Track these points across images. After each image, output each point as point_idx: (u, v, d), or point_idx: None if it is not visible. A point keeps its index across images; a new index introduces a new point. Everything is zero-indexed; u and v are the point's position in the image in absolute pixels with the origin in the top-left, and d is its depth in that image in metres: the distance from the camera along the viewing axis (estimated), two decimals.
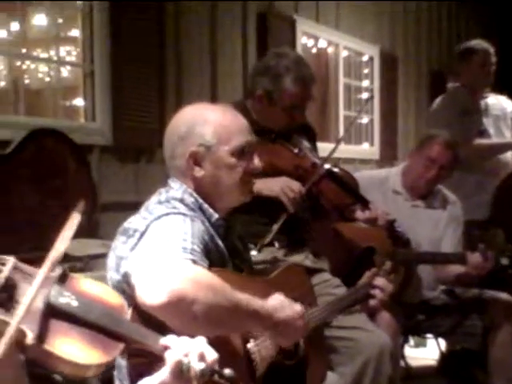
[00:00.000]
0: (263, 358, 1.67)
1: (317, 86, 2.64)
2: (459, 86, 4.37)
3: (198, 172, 1.74)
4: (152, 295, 1.39)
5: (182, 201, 1.71)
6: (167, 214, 1.62)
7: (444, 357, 3.99)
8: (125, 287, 1.57)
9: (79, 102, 3.96)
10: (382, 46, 6.69)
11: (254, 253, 2.25)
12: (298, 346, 1.81)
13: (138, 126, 3.91)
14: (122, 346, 1.07)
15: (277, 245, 2.49)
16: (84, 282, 1.14)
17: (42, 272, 1.00)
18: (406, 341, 3.79)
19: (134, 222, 1.67)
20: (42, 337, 0.99)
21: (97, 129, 3.80)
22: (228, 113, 1.81)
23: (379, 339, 2.32)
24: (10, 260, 1.05)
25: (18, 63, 3.91)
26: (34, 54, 4.22)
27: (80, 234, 3.31)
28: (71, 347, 1.01)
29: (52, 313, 1.03)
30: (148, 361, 1.17)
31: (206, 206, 1.75)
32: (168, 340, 1.11)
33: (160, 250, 1.49)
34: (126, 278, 1.57)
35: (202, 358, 1.09)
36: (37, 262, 1.11)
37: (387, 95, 6.71)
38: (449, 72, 6.65)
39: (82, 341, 1.03)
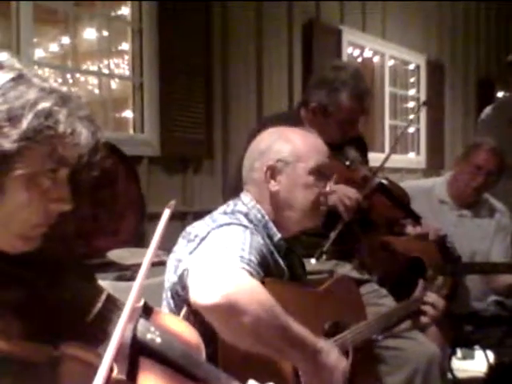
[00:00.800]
0: None
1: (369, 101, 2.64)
2: (509, 96, 4.31)
3: (274, 186, 1.79)
4: (205, 295, 1.40)
5: (246, 215, 1.75)
6: (229, 224, 1.66)
7: (492, 369, 3.91)
8: (179, 289, 1.62)
9: (128, 114, 4.04)
10: (429, 54, 6.63)
11: (312, 261, 2.25)
12: None
13: (185, 137, 3.97)
14: None
15: (324, 256, 2.49)
16: (165, 317, 1.13)
17: (129, 305, 0.98)
18: (453, 353, 3.73)
19: (196, 227, 1.72)
20: (126, 372, 0.98)
21: (145, 140, 3.88)
22: (309, 135, 1.86)
23: (428, 349, 2.29)
24: (104, 292, 1.05)
25: (69, 76, 4.01)
26: (84, 67, 4.32)
27: (128, 243, 3.39)
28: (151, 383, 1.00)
29: (137, 348, 1.02)
30: None
31: (271, 224, 1.78)
32: None
33: (218, 255, 1.51)
34: (181, 279, 1.61)
35: None
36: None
37: (434, 104, 6.64)
38: (497, 81, 6.56)
39: (163, 378, 1.02)
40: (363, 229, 2.64)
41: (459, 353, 4.17)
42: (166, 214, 1.06)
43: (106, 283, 1.92)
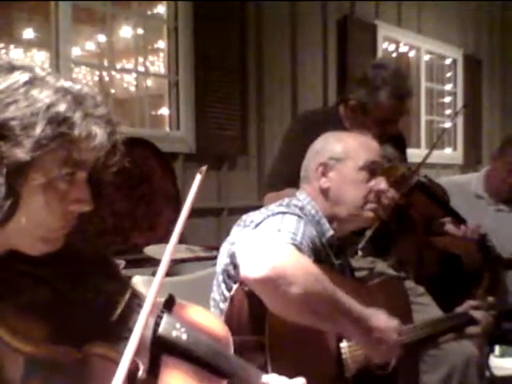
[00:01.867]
0: (354, 361, 1.66)
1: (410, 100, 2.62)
2: None
3: (325, 183, 1.84)
4: (254, 268, 1.43)
5: (301, 209, 1.79)
6: (284, 213, 1.69)
7: None
8: (231, 270, 1.66)
9: (164, 111, 4.08)
10: (466, 48, 6.54)
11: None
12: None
13: (220, 133, 4.00)
14: (225, 382, 1.05)
15: (360, 253, 2.48)
16: (192, 311, 1.12)
17: (149, 299, 0.96)
18: (491, 350, 3.69)
19: (252, 215, 1.76)
20: (152, 369, 0.97)
21: (181, 137, 3.91)
22: (361, 136, 1.91)
23: (465, 348, 2.27)
24: (128, 290, 1.04)
25: (105, 74, 4.06)
26: (120, 65, 4.37)
27: (164, 239, 3.42)
28: (179, 381, 1.00)
29: (163, 345, 1.01)
30: None
31: (324, 220, 1.82)
32: (271, 378, 1.10)
33: (269, 235, 1.56)
34: (232, 258, 1.65)
35: None
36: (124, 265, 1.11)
37: (471, 99, 6.55)
38: None
39: (190, 375, 1.02)
40: (401, 227, 2.62)
41: (497, 350, 4.12)
42: (198, 179, 1.04)
43: (143, 278, 1.95)
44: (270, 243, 1.50)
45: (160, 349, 1.00)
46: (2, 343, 0.93)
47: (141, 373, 0.95)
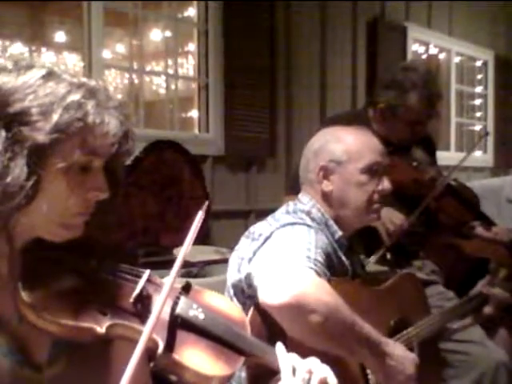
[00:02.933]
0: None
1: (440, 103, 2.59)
2: None
3: (327, 186, 1.80)
4: (274, 295, 1.43)
5: (308, 214, 1.77)
6: (293, 224, 1.68)
7: None
8: (245, 287, 1.65)
9: (194, 113, 4.10)
10: (497, 50, 6.47)
11: (372, 260, 2.25)
12: None
13: (249, 136, 4.01)
14: (243, 359, 1.08)
15: (388, 256, 2.47)
16: (209, 296, 1.15)
17: (168, 282, 1.02)
18: None
19: (259, 226, 1.74)
20: (171, 346, 1.01)
21: (210, 139, 3.93)
22: (361, 133, 1.85)
23: (495, 355, 2.25)
24: (146, 272, 1.09)
25: (134, 76, 4.10)
26: (150, 67, 4.41)
27: (194, 240, 3.44)
28: (198, 358, 1.03)
29: (181, 324, 1.05)
30: (266, 372, 1.18)
31: (331, 222, 1.79)
32: (288, 358, 1.12)
33: (285, 255, 1.53)
34: (247, 279, 1.64)
35: (324, 382, 1.10)
36: (152, 266, 1.14)
37: (502, 101, 6.48)
38: None
39: (208, 352, 1.05)
40: (431, 230, 2.60)
41: None
42: (199, 215, 1.07)
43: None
44: (288, 266, 1.48)
45: (178, 327, 1.05)
46: (28, 324, 0.98)
47: (160, 349, 1.00)
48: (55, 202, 1.02)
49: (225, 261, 3.01)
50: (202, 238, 3.47)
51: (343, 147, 1.80)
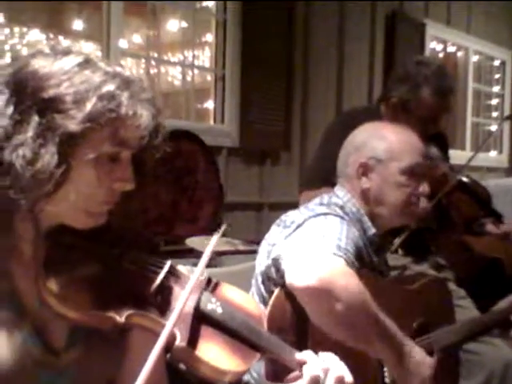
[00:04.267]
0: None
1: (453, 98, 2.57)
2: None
3: (365, 183, 1.78)
4: (301, 277, 1.43)
5: (342, 208, 1.75)
6: (326, 214, 1.67)
7: None
8: (272, 272, 1.64)
9: (209, 104, 4.11)
10: None
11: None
12: None
13: (264, 129, 4.01)
14: (258, 355, 1.07)
15: (400, 252, 2.47)
16: (227, 290, 1.15)
17: (194, 277, 1.03)
18: None
19: (291, 215, 1.73)
20: (189, 339, 1.01)
21: (225, 131, 3.94)
22: (404, 133, 1.83)
23: (505, 354, 2.24)
24: (167, 263, 1.09)
25: (152, 66, 4.10)
26: (166, 58, 4.42)
27: (206, 231, 3.46)
28: (214, 352, 1.03)
29: (199, 318, 1.05)
30: (282, 368, 1.16)
31: (365, 218, 1.78)
32: (305, 355, 1.11)
33: (315, 242, 1.53)
34: (275, 262, 1.64)
35: (340, 381, 1.09)
36: (164, 255, 1.15)
37: None
38: None
39: (224, 347, 1.05)
40: (442, 226, 2.59)
41: None
42: (217, 234, 1.10)
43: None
44: (318, 252, 1.48)
45: (196, 320, 1.04)
46: (48, 309, 0.99)
47: (178, 342, 0.99)
48: (82, 190, 1.02)
49: (237, 252, 3.03)
50: (215, 229, 3.48)
51: (386, 145, 1.77)
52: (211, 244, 1.08)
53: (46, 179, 0.98)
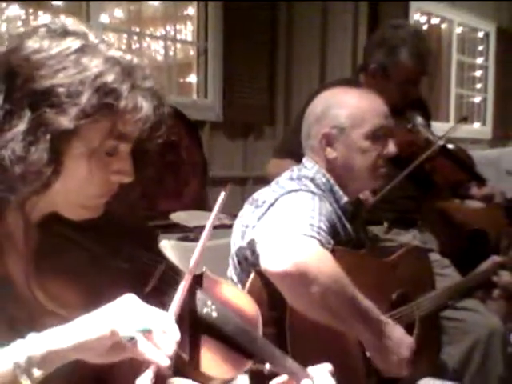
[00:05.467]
0: None
1: (431, 61, 2.56)
2: None
3: (330, 153, 1.76)
4: (276, 263, 1.43)
5: (312, 180, 1.74)
6: (297, 191, 1.65)
7: None
8: (248, 255, 1.64)
9: (192, 78, 4.07)
10: (499, 21, 6.41)
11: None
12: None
13: (248, 102, 3.99)
14: (249, 363, 1.03)
15: (385, 224, 2.47)
16: (224, 288, 1.11)
17: (187, 278, 0.99)
18: None
19: (263, 193, 1.71)
20: (181, 344, 0.95)
21: (208, 105, 3.91)
22: (365, 96, 1.80)
23: (489, 322, 2.26)
24: (163, 263, 1.05)
25: (133, 41, 4.05)
26: (148, 32, 4.36)
27: (191, 206, 3.44)
28: (205, 358, 1.00)
29: (193, 321, 1.02)
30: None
31: (336, 187, 1.76)
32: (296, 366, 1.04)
33: (288, 222, 1.52)
34: (251, 245, 1.63)
35: None
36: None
37: (503, 73, 6.44)
38: None
39: (215, 353, 1.01)
40: (425, 194, 2.60)
41: None
42: (222, 196, 1.05)
43: (170, 243, 1.96)
44: (291, 234, 1.47)
45: (189, 324, 1.01)
46: (39, 304, 0.96)
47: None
48: (75, 185, 0.97)
49: (222, 226, 3.02)
50: (200, 204, 3.47)
51: (346, 112, 1.74)
52: (217, 205, 1.04)
53: (35, 178, 0.93)
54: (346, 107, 1.75)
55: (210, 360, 1.00)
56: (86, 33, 0.99)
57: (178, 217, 2.94)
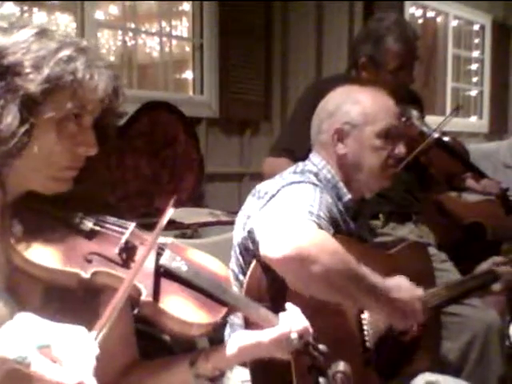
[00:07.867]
0: (376, 331, 1.66)
1: (422, 50, 2.57)
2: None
3: (341, 149, 1.76)
4: (275, 248, 1.42)
5: (316, 175, 1.74)
6: (299, 182, 1.66)
7: None
8: (249, 244, 1.65)
9: (188, 75, 4.06)
10: (495, 14, 6.41)
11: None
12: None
13: (244, 99, 3.98)
14: (225, 310, 1.10)
15: (382, 217, 2.47)
16: (193, 252, 1.18)
17: (154, 235, 1.06)
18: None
19: (266, 185, 1.72)
20: (154, 294, 1.05)
21: (204, 101, 3.91)
22: (378, 95, 1.80)
23: (487, 316, 2.27)
24: (131, 225, 1.13)
25: (129, 38, 4.04)
26: (143, 29, 4.35)
27: (187, 202, 3.43)
28: (179, 305, 1.06)
29: (164, 274, 1.09)
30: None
31: (341, 184, 1.77)
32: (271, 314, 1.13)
33: (287, 210, 1.52)
34: (251, 234, 1.63)
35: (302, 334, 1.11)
36: (146, 228, 1.15)
37: (499, 66, 6.44)
38: None
39: (190, 300, 1.08)
40: (421, 187, 2.60)
41: None
42: (169, 207, 1.11)
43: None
44: (289, 220, 1.48)
45: (161, 276, 1.09)
46: (19, 272, 1.04)
47: (143, 297, 1.03)
48: (45, 151, 1.06)
49: (219, 223, 3.02)
50: (197, 200, 3.47)
51: (360, 109, 1.75)
52: (165, 217, 1.09)
53: (9, 138, 1.02)
54: (360, 104, 1.76)
55: (185, 307, 1.07)
56: (43, 24, 1.12)
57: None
